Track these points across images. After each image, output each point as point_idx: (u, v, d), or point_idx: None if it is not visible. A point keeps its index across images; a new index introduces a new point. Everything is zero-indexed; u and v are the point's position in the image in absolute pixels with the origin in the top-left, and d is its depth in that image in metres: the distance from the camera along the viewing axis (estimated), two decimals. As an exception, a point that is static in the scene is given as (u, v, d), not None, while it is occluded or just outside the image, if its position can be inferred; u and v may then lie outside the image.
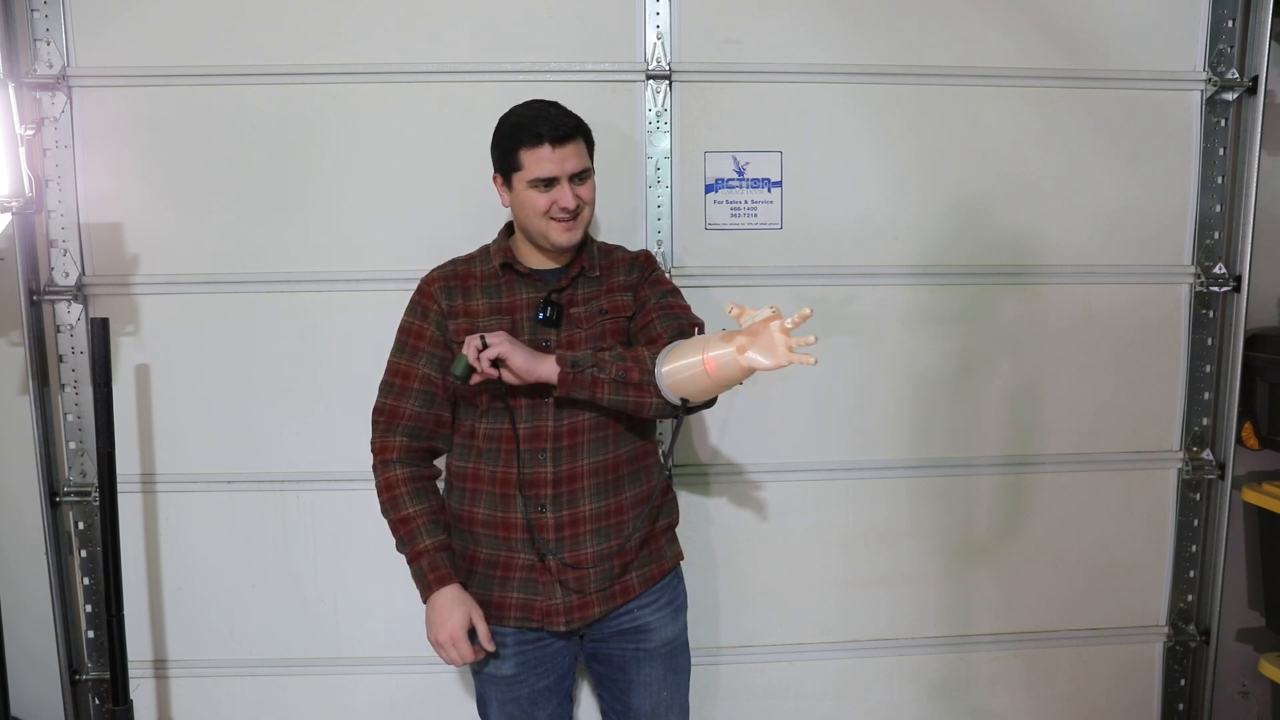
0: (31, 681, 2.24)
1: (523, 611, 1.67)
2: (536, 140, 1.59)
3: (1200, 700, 2.42)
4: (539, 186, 1.61)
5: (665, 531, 1.80)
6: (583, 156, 1.64)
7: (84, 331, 2.13)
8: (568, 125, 1.61)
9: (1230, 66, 2.22)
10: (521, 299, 1.68)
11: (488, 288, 1.70)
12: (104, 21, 2.08)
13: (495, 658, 1.70)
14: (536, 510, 1.64)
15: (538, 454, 1.64)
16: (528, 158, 1.60)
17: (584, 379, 1.55)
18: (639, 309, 1.72)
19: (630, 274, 1.75)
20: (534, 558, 1.66)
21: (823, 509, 2.30)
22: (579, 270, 1.71)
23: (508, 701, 1.73)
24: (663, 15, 2.12)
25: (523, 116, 1.64)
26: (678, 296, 1.75)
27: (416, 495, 1.67)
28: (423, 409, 1.69)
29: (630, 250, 1.83)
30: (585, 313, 1.68)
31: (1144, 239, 2.29)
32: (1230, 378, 2.29)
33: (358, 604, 2.25)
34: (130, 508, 2.17)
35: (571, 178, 1.62)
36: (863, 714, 2.39)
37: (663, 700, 1.79)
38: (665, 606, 1.77)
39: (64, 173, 2.10)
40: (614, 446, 1.68)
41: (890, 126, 2.21)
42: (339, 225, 2.16)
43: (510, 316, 1.67)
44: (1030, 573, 2.36)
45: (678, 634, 1.80)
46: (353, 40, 2.11)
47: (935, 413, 2.29)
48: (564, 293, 1.69)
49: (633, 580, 1.72)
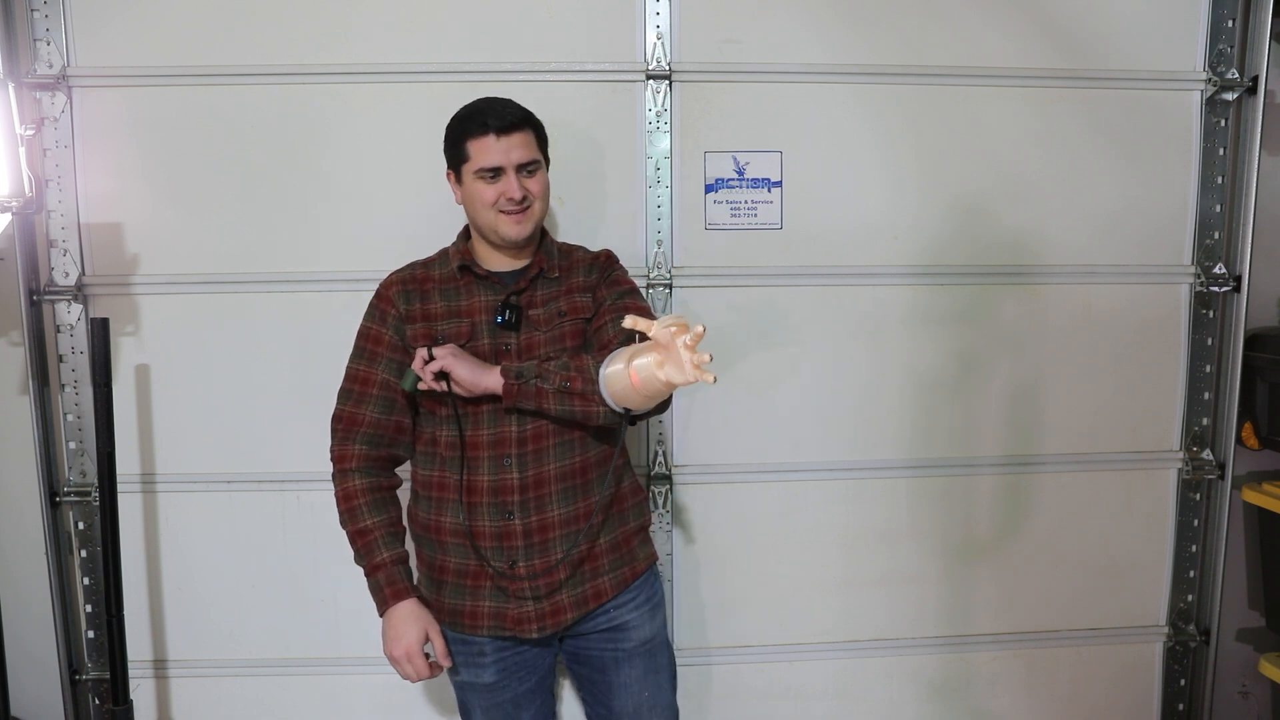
0: (31, 681, 2.24)
1: (495, 620, 1.65)
2: (482, 130, 1.59)
3: (1200, 700, 2.42)
4: (485, 177, 1.60)
5: (638, 533, 1.78)
6: (530, 148, 1.63)
7: (84, 331, 2.13)
8: (514, 115, 1.61)
9: (1230, 66, 2.23)
10: (480, 301, 1.66)
11: (446, 291, 1.68)
12: (104, 21, 2.08)
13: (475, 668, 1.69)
14: (505, 518, 1.62)
15: (502, 460, 1.62)
16: (474, 148, 1.60)
17: (529, 390, 1.54)
18: (596, 310, 1.70)
19: (590, 274, 1.73)
20: (503, 565, 1.64)
21: (822, 509, 2.30)
22: (537, 271, 1.69)
23: (491, 708, 1.73)
24: (663, 15, 2.12)
25: (471, 108, 1.64)
26: (636, 297, 1.73)
27: (375, 507, 1.65)
28: (382, 415, 1.67)
29: (591, 250, 1.80)
30: (544, 314, 1.66)
31: (1144, 239, 2.29)
32: (1230, 378, 2.29)
33: (358, 604, 2.23)
34: (130, 508, 2.16)
35: (520, 169, 1.60)
36: (863, 714, 2.39)
37: (645, 701, 1.78)
38: (642, 605, 1.75)
39: (64, 173, 2.10)
40: (580, 450, 1.66)
41: (890, 126, 2.21)
42: (339, 225, 2.16)
43: (469, 320, 1.65)
44: (1030, 573, 2.36)
45: (655, 633, 1.79)
46: (353, 40, 2.11)
47: (935, 413, 2.29)
48: (523, 294, 1.67)
49: (605, 583, 1.70)
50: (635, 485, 1.81)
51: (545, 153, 1.69)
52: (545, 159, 1.68)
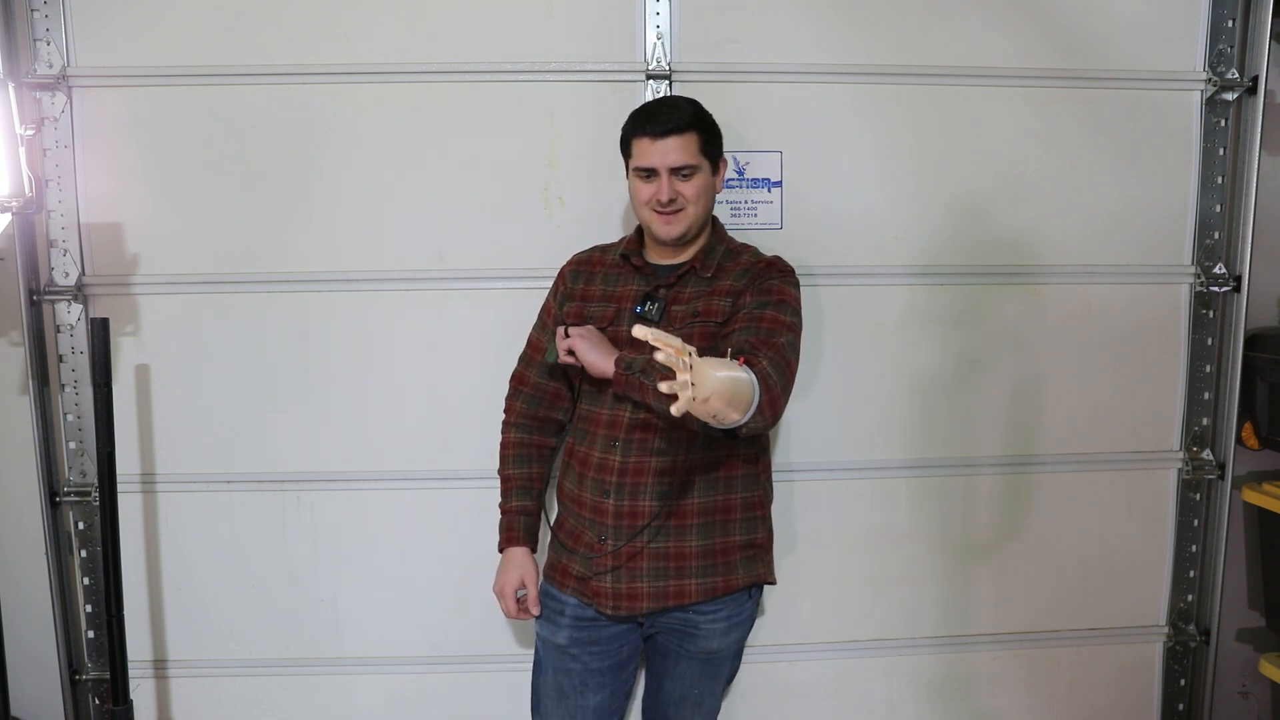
0: (31, 681, 2.24)
1: (579, 583, 1.76)
2: (641, 131, 1.67)
3: (1200, 700, 2.42)
4: (642, 176, 1.67)
5: (743, 548, 1.77)
6: (687, 152, 1.65)
7: (84, 331, 2.13)
8: (675, 120, 1.65)
9: (1230, 66, 2.22)
10: (631, 290, 1.75)
11: (609, 275, 1.80)
12: (104, 21, 2.08)
13: (553, 624, 1.80)
14: (602, 495, 1.70)
15: (612, 442, 1.69)
16: (635, 146, 1.69)
17: (634, 382, 1.60)
18: (733, 314, 1.69)
19: (741, 279, 1.72)
20: (595, 538, 1.71)
21: (821, 508, 2.29)
22: (690, 269, 1.73)
23: (560, 671, 1.80)
24: (663, 15, 2.12)
25: (643, 107, 1.74)
26: (779, 310, 1.65)
27: (518, 460, 1.86)
28: (542, 380, 1.85)
29: (760, 254, 1.81)
30: (683, 312, 1.70)
31: (1144, 239, 2.29)
32: (1230, 378, 2.29)
33: (358, 604, 2.25)
34: (130, 508, 2.16)
35: (675, 172, 1.65)
36: (862, 714, 2.39)
37: (692, 695, 1.84)
38: (722, 620, 1.76)
39: (64, 173, 2.10)
40: (685, 450, 1.66)
41: (890, 126, 2.20)
42: (339, 225, 2.15)
43: (615, 305, 1.75)
44: (1030, 573, 2.36)
45: (726, 647, 1.81)
46: (353, 40, 2.11)
47: (934, 412, 2.29)
48: (671, 289, 1.72)
49: (691, 586, 1.71)
50: (751, 500, 1.79)
51: (714, 156, 1.71)
52: (714, 162, 1.71)
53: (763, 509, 1.84)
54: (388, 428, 2.18)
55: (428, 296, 2.16)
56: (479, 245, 2.17)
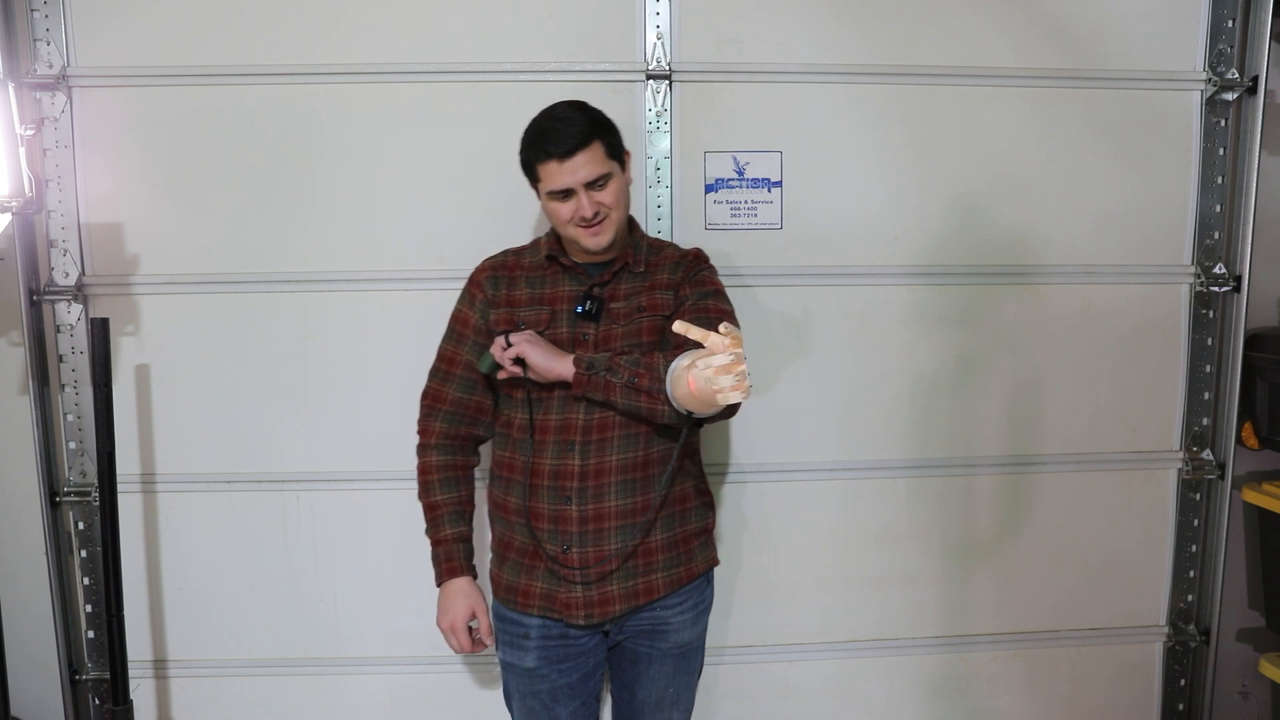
0: (31, 681, 2.24)
1: (545, 601, 1.69)
2: (545, 156, 1.61)
3: (1200, 700, 2.42)
4: (558, 198, 1.63)
5: (699, 535, 1.79)
6: (596, 163, 1.62)
7: (84, 331, 2.13)
8: (575, 137, 1.60)
9: (1230, 66, 2.22)
10: (563, 291, 1.71)
11: (533, 279, 1.74)
12: (104, 21, 2.08)
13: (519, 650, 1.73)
14: (562, 502, 1.66)
15: (566, 446, 1.65)
16: (542, 172, 1.63)
17: (598, 381, 1.58)
18: (677, 308, 1.71)
19: (675, 273, 1.75)
20: (557, 549, 1.67)
21: (822, 509, 2.30)
22: (622, 265, 1.72)
23: (528, 695, 1.75)
24: (663, 15, 2.12)
25: (534, 132, 1.65)
26: (719, 300, 1.73)
27: (446, 484, 1.75)
28: (464, 395, 1.75)
29: (681, 248, 1.83)
30: (624, 309, 1.69)
31: (1144, 239, 2.29)
32: (1230, 378, 2.29)
33: (358, 604, 2.25)
34: (130, 508, 2.16)
35: (590, 184, 1.62)
36: (862, 714, 2.39)
37: (668, 695, 1.81)
38: (689, 610, 1.77)
39: (64, 173, 2.10)
40: (644, 445, 1.67)
41: (890, 126, 2.20)
42: (339, 225, 2.15)
43: (550, 307, 1.70)
44: (1030, 573, 2.36)
45: (695, 637, 1.81)
46: (352, 40, 2.11)
47: (934, 412, 2.29)
48: (606, 287, 1.71)
49: (658, 580, 1.72)
50: (701, 487, 1.82)
51: (619, 154, 1.68)
52: (620, 160, 1.68)
53: (709, 494, 1.87)
54: (388, 428, 2.18)
55: (428, 296, 2.15)
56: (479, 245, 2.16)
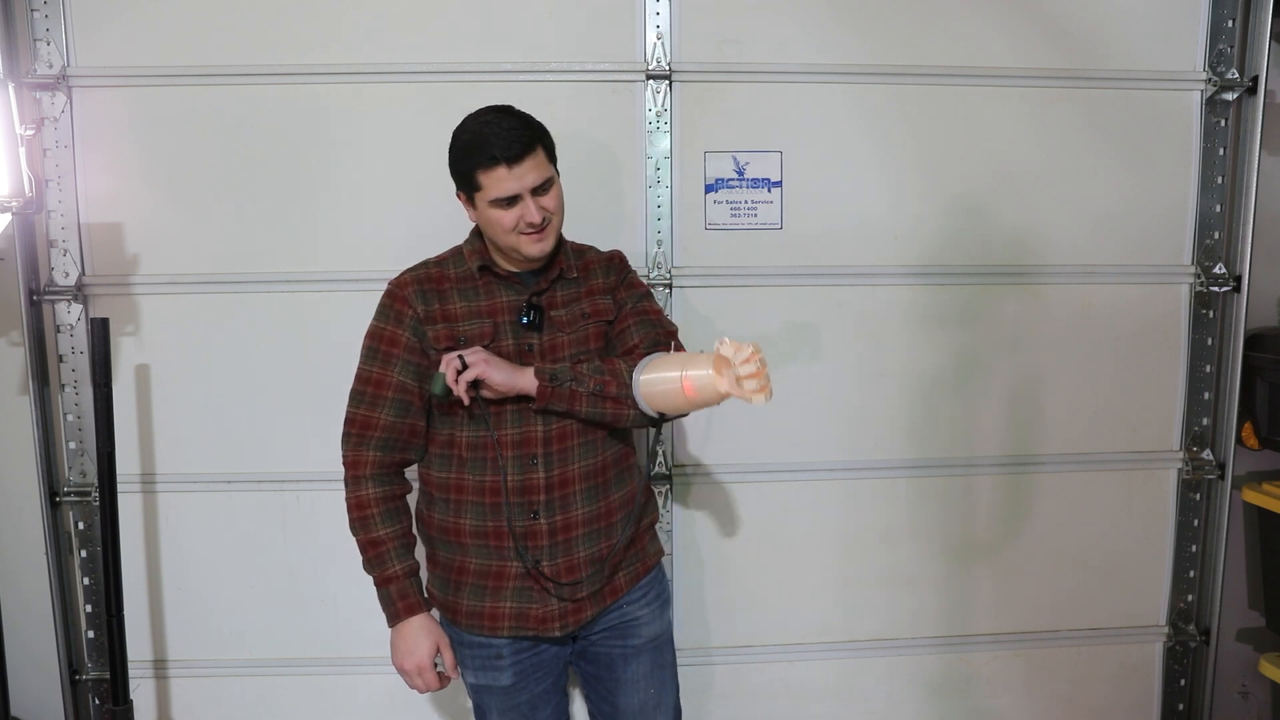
0: (31, 681, 2.24)
1: (517, 621, 1.65)
2: (492, 162, 1.54)
3: (1200, 700, 2.42)
4: (502, 205, 1.57)
5: (648, 530, 1.81)
6: (542, 167, 1.58)
7: (84, 331, 2.13)
8: (522, 140, 1.55)
9: (1230, 66, 2.22)
10: (501, 302, 1.65)
11: (465, 291, 1.66)
12: (104, 21, 2.08)
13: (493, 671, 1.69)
14: (529, 517, 1.62)
15: (529, 460, 1.61)
16: (485, 179, 1.55)
17: (562, 393, 1.56)
18: (618, 312, 1.72)
19: (608, 276, 1.74)
20: (527, 566, 1.63)
21: (822, 509, 2.30)
22: (558, 272, 1.68)
23: (508, 709, 1.73)
24: (663, 15, 2.12)
25: (474, 138, 1.57)
26: (651, 300, 1.77)
27: (388, 517, 1.65)
28: (397, 419, 1.64)
29: (601, 251, 1.80)
30: (567, 315, 1.67)
31: (1144, 239, 2.29)
32: (1230, 378, 2.29)
33: (358, 604, 2.25)
34: (130, 508, 2.17)
35: (534, 190, 1.57)
36: (862, 714, 2.39)
37: (650, 698, 1.79)
38: (653, 601, 1.77)
39: (64, 173, 2.10)
40: (601, 450, 1.68)
41: (890, 126, 2.21)
42: (339, 225, 2.16)
43: (491, 320, 1.63)
44: (1030, 573, 2.36)
45: (664, 629, 1.81)
46: (353, 40, 2.11)
47: (935, 413, 2.29)
48: (544, 295, 1.67)
49: (620, 580, 1.73)
50: (646, 483, 1.82)
51: (555, 161, 1.65)
52: (556, 168, 1.65)
53: (652, 490, 1.89)
54: (388, 428, 2.18)
55: (428, 296, 2.16)
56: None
